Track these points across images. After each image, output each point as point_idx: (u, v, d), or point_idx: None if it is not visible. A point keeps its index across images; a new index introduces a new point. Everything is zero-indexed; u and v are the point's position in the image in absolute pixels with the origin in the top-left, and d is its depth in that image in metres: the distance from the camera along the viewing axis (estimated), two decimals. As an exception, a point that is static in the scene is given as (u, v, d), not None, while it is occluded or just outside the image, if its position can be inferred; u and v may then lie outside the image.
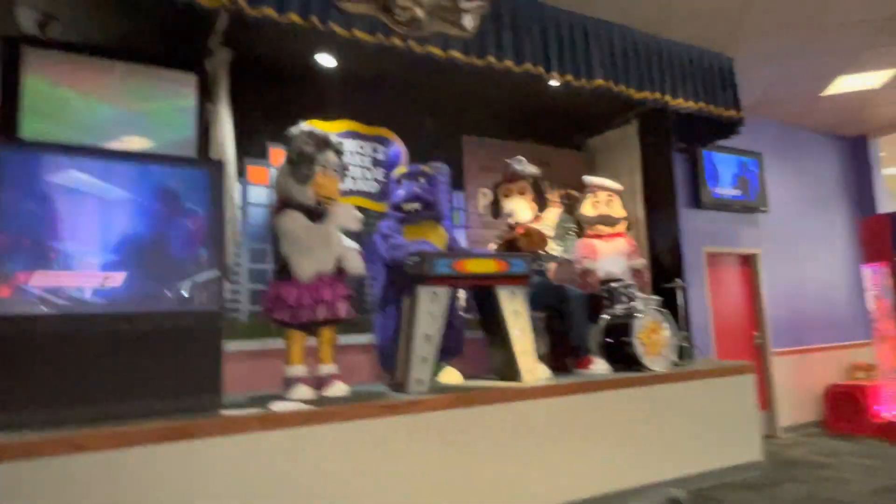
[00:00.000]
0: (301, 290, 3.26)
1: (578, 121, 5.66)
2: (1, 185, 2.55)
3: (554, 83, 3.80)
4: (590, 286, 4.71)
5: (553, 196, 5.72)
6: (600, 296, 4.47)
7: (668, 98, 4.17)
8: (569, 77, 3.68)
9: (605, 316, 4.32)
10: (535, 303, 4.24)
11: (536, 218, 4.61)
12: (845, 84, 5.59)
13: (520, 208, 4.50)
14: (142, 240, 2.84)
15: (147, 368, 2.76)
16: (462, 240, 5.19)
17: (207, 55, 3.79)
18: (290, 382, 3.28)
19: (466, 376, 3.95)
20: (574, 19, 3.71)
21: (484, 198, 5.18)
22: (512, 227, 4.53)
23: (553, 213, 5.64)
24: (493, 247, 4.64)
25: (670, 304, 4.60)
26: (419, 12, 3.04)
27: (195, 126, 3.56)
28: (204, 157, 3.50)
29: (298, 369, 3.33)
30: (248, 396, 3.32)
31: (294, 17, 2.80)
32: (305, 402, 2.99)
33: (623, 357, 4.04)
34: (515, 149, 5.22)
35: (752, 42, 4.61)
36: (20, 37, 3.25)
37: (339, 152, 3.56)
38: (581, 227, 5.13)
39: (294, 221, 3.27)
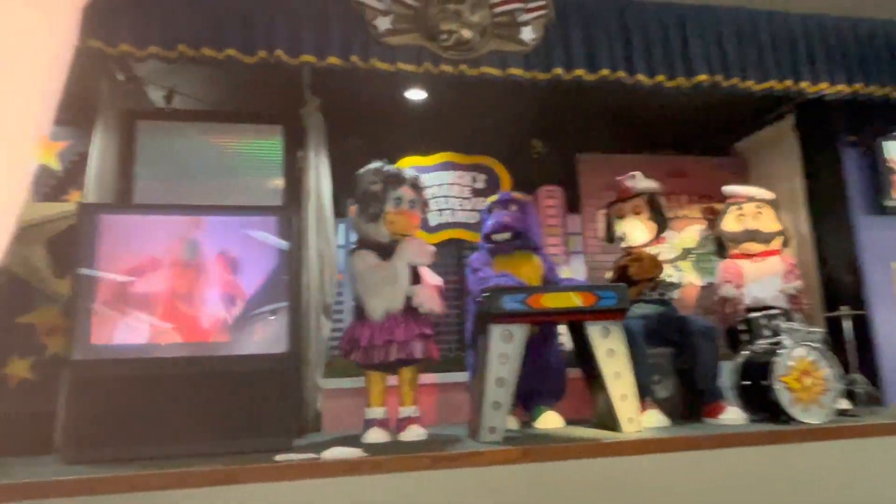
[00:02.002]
0: (373, 330, 3.24)
1: (721, 122, 4.95)
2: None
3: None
4: (730, 317, 4.02)
5: (692, 212, 5.07)
6: (738, 328, 3.78)
7: (804, 85, 3.41)
8: (660, 78, 3.19)
9: (744, 352, 3.62)
10: (655, 337, 3.72)
11: (657, 240, 4.09)
12: None
13: (633, 230, 4.03)
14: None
15: (218, 410, 2.93)
16: (581, 268, 4.82)
17: (301, 105, 4.03)
18: (367, 424, 3.27)
19: (571, 422, 3.58)
20: (664, 12, 3.22)
21: (601, 221, 4.75)
22: (626, 253, 4.08)
23: (691, 232, 4.98)
24: (608, 275, 4.21)
25: (839, 338, 3.73)
26: (467, 34, 2.88)
27: (282, 174, 3.76)
28: (288, 203, 3.69)
29: (375, 412, 3.30)
30: (341, 437, 3.37)
31: (333, 60, 2.83)
32: (374, 447, 2.92)
33: (766, 404, 3.33)
34: (643, 163, 4.73)
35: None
36: (138, 112, 3.77)
37: (416, 187, 3.51)
38: (723, 246, 4.42)
39: (360, 260, 3.27)
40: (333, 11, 2.88)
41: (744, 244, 4.21)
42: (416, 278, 3.36)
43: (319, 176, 3.93)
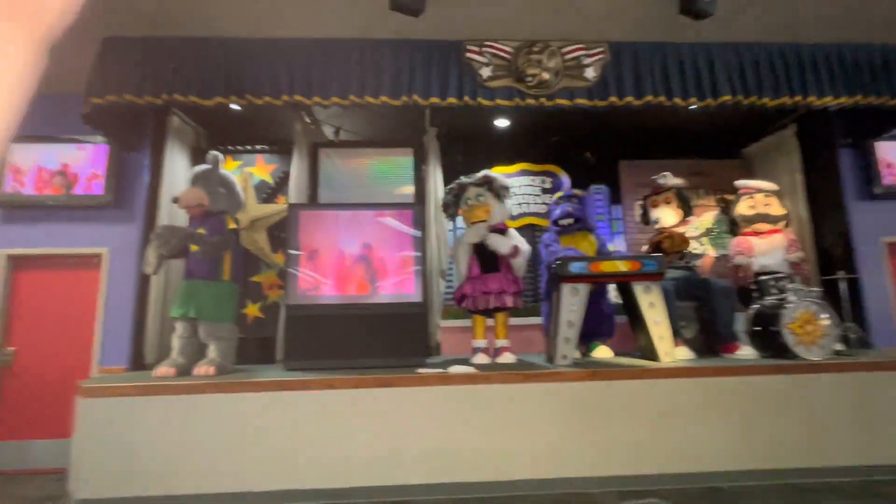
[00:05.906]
0: (475, 285, 3.27)
1: (731, 132, 4.55)
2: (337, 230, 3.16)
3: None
4: (741, 280, 3.72)
5: (708, 201, 4.71)
6: (749, 288, 3.49)
7: (811, 99, 3.04)
8: (693, 100, 2.96)
9: (755, 306, 3.35)
10: (682, 294, 3.52)
11: (683, 222, 3.84)
12: None
13: (665, 215, 3.80)
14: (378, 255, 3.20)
15: (378, 339, 3.08)
16: (622, 244, 4.62)
17: (423, 133, 4.08)
18: (474, 351, 3.33)
19: (618, 353, 3.48)
20: (697, 49, 2.97)
21: (638, 209, 4.52)
22: (660, 232, 3.85)
23: (708, 216, 4.63)
24: (644, 249, 4.01)
25: (835, 296, 3.37)
26: (546, 75, 2.79)
27: (413, 181, 3.83)
28: (417, 201, 3.75)
29: (479, 342, 3.35)
30: (454, 359, 3.45)
31: (452, 101, 2.83)
32: (480, 366, 2.98)
33: (774, 346, 3.07)
34: (670, 165, 4.45)
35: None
36: (319, 143, 3.95)
37: (479, 185, 3.41)
38: (736, 226, 4.08)
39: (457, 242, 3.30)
40: (452, 65, 2.87)
41: (755, 224, 3.86)
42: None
43: (436, 183, 3.99)
